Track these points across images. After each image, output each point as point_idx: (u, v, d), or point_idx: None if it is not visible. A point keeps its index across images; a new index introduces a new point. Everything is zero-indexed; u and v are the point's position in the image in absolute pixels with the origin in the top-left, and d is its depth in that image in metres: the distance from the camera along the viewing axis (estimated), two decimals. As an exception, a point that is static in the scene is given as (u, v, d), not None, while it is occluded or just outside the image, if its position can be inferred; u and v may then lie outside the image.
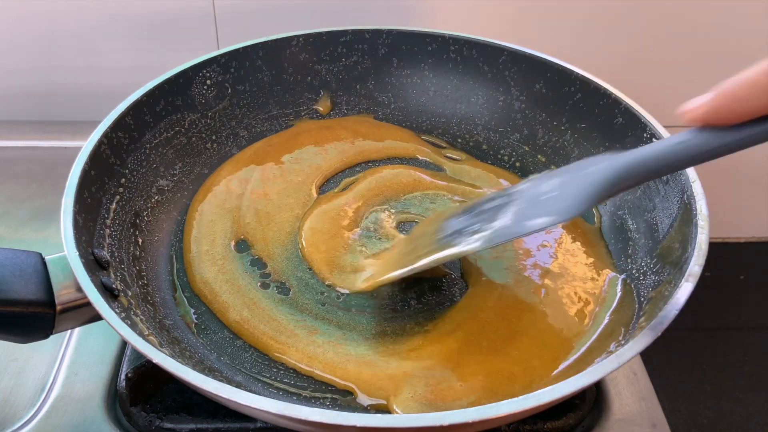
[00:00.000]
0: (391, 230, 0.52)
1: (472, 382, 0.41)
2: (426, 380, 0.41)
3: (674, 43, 0.72)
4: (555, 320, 0.45)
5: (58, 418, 0.43)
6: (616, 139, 0.52)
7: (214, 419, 0.42)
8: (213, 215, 0.52)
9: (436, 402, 0.40)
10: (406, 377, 0.41)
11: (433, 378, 0.41)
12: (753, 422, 0.70)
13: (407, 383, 0.41)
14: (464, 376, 0.41)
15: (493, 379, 0.41)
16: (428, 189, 0.55)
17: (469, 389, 0.40)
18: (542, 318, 0.45)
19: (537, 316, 0.45)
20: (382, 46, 0.62)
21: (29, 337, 0.39)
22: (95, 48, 0.72)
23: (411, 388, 0.40)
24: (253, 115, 0.61)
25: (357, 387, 0.41)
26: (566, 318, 0.45)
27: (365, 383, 0.41)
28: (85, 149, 0.46)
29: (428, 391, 0.40)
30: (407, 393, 0.40)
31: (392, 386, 0.41)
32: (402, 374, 0.41)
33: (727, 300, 0.82)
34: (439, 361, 0.42)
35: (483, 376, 0.41)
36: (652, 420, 0.45)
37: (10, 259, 0.38)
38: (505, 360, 0.42)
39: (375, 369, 0.42)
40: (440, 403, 0.40)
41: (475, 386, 0.40)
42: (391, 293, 0.47)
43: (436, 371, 0.41)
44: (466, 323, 0.45)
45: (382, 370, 0.42)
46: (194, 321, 0.46)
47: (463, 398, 0.40)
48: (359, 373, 0.42)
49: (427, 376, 0.41)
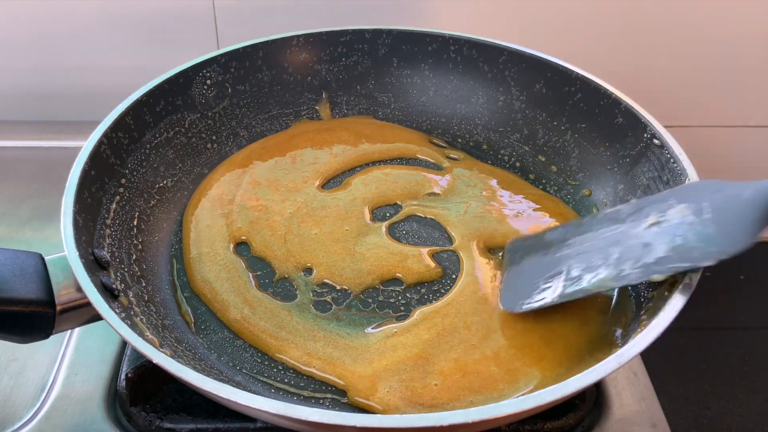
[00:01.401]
0: (387, 234, 0.52)
1: (449, 381, 0.41)
2: (399, 375, 0.41)
3: (675, 43, 0.72)
4: (539, 321, 0.44)
5: (58, 418, 0.43)
6: (616, 139, 0.52)
7: (214, 419, 0.42)
8: (208, 220, 0.52)
9: (413, 397, 0.40)
10: (384, 371, 0.41)
11: (405, 372, 0.41)
12: (753, 422, 0.70)
13: (382, 379, 0.41)
14: (439, 373, 0.41)
15: (471, 379, 0.41)
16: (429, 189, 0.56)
17: (447, 389, 0.40)
18: (522, 318, 0.45)
19: (519, 316, 0.45)
20: (382, 46, 0.62)
21: (29, 337, 0.39)
22: (95, 48, 0.72)
23: (386, 383, 0.41)
24: (253, 115, 0.61)
25: (348, 384, 0.41)
26: (552, 320, 0.44)
27: (353, 380, 0.41)
28: (85, 149, 0.46)
29: (403, 386, 0.40)
30: (383, 389, 0.40)
31: (371, 383, 0.41)
32: (381, 368, 0.42)
33: (727, 300, 0.82)
34: (410, 352, 0.42)
35: (460, 376, 0.41)
36: (652, 420, 0.45)
37: (10, 259, 0.38)
38: (482, 361, 0.42)
39: (362, 365, 0.42)
40: (417, 398, 0.40)
41: (452, 386, 0.41)
42: (381, 291, 0.47)
43: (408, 363, 0.42)
44: (439, 317, 0.45)
45: (365, 365, 0.42)
46: (194, 321, 0.46)
47: (443, 396, 0.40)
48: (353, 372, 0.42)
49: (400, 370, 0.41)
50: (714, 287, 0.80)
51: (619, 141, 0.52)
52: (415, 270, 0.49)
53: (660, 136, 0.48)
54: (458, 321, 0.45)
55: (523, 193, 0.55)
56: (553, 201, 0.55)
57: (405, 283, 0.48)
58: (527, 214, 0.53)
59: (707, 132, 0.79)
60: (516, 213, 0.53)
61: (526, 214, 0.53)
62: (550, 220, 0.52)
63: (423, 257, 0.49)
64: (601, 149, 0.54)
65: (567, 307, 0.44)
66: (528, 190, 0.56)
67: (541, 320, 0.44)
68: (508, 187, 0.56)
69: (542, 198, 0.55)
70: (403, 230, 0.52)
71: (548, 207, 0.54)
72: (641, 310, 0.42)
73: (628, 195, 0.51)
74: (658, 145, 0.48)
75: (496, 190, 0.55)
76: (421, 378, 0.41)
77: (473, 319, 0.45)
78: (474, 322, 0.44)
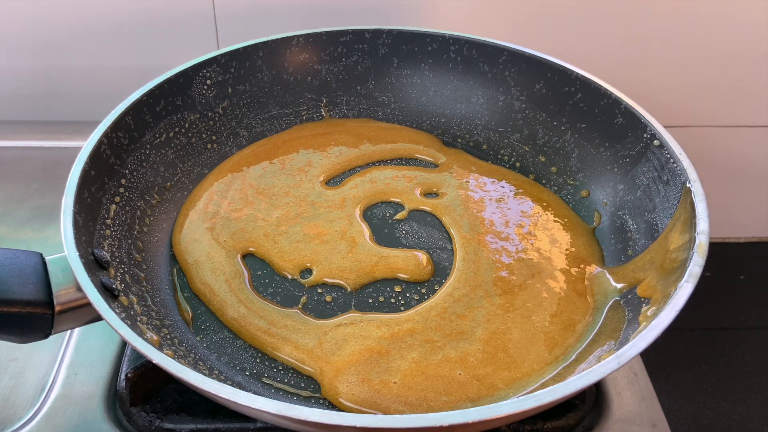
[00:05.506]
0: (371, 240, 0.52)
1: (409, 380, 0.41)
2: (356, 368, 0.41)
3: (674, 43, 0.72)
4: (521, 325, 0.45)
5: (58, 418, 0.43)
6: (616, 139, 0.52)
7: (214, 419, 0.42)
8: (195, 234, 0.52)
9: (371, 392, 0.40)
10: (345, 366, 0.42)
11: (363, 366, 0.41)
12: (753, 422, 0.70)
13: (342, 373, 0.41)
14: (397, 371, 0.41)
15: (434, 382, 0.41)
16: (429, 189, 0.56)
17: (407, 387, 0.41)
18: (503, 321, 0.45)
19: (500, 318, 0.45)
20: (382, 46, 0.62)
21: (28, 337, 0.39)
22: (95, 48, 0.72)
23: (345, 378, 0.41)
24: (253, 115, 0.61)
25: (322, 380, 0.42)
26: (531, 323, 0.45)
27: (330, 373, 0.42)
28: (85, 149, 0.46)
29: (360, 379, 0.41)
30: (343, 386, 0.41)
31: (334, 375, 0.42)
32: (342, 362, 0.42)
33: (727, 300, 0.82)
34: (365, 346, 0.43)
35: (422, 379, 0.41)
36: (652, 420, 0.45)
37: (9, 259, 0.38)
38: (445, 363, 0.42)
39: (336, 360, 0.43)
40: (376, 395, 0.40)
41: (414, 386, 0.41)
42: (381, 291, 0.47)
43: (365, 356, 0.42)
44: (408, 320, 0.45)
45: (335, 360, 0.42)
46: (194, 321, 0.46)
47: (402, 397, 0.40)
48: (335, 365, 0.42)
49: (357, 364, 0.42)
50: (714, 287, 0.81)
51: (619, 141, 0.52)
52: (413, 270, 0.49)
53: (660, 136, 0.48)
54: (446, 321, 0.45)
55: (523, 188, 0.55)
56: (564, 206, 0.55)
57: (405, 282, 0.48)
58: (530, 212, 0.53)
59: (707, 132, 0.79)
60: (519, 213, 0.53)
61: (529, 212, 0.53)
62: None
63: (422, 257, 0.49)
64: (601, 149, 0.54)
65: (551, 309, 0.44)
66: (527, 188, 0.56)
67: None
68: (508, 185, 0.56)
69: (542, 192, 0.55)
70: (403, 230, 0.52)
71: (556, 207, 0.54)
72: (638, 314, 0.42)
73: (628, 195, 0.51)
74: (658, 145, 0.48)
75: (496, 190, 0.55)
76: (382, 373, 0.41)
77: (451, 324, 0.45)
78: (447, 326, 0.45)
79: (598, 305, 0.46)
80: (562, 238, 0.51)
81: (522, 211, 0.53)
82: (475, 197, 0.54)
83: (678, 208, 0.44)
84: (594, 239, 0.51)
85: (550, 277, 0.48)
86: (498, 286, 0.47)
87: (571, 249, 0.50)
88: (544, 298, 0.46)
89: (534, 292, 0.46)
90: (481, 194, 0.55)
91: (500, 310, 0.45)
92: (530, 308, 0.45)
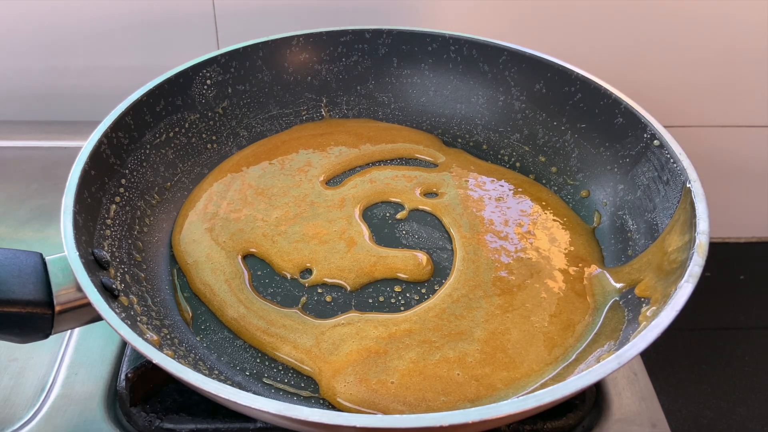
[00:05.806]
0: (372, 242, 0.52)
1: (406, 380, 0.41)
2: (353, 368, 0.41)
3: (674, 43, 0.72)
4: (520, 326, 0.44)
5: (58, 418, 0.43)
6: (616, 139, 0.52)
7: (214, 419, 0.42)
8: (195, 235, 0.52)
9: (369, 392, 0.40)
10: (343, 366, 0.42)
11: (360, 366, 0.41)
12: (753, 422, 0.70)
13: (340, 373, 0.41)
14: (395, 371, 0.41)
15: (433, 382, 0.41)
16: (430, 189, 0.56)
17: (405, 387, 0.40)
18: (502, 322, 0.45)
19: (498, 319, 0.45)
20: (382, 46, 0.62)
21: (28, 337, 0.39)
22: (95, 48, 0.72)
23: (343, 378, 0.41)
24: (253, 115, 0.61)
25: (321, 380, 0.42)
26: (531, 325, 0.45)
27: (327, 373, 0.42)
28: (85, 149, 0.46)
29: (357, 379, 0.41)
30: (341, 385, 0.41)
31: (332, 375, 0.42)
32: (340, 362, 0.42)
33: (727, 300, 0.82)
34: (363, 347, 0.43)
35: (420, 379, 0.41)
36: (652, 420, 0.45)
37: (9, 259, 0.38)
38: (443, 363, 0.42)
39: (335, 360, 0.43)
40: (374, 395, 0.40)
41: (412, 386, 0.41)
42: (381, 291, 0.47)
43: (363, 356, 0.42)
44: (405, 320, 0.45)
45: (333, 360, 0.42)
46: (194, 321, 0.46)
47: (400, 397, 0.40)
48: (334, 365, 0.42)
49: (354, 363, 0.42)
50: (714, 287, 0.81)
51: (619, 141, 0.52)
52: (413, 270, 0.49)
53: (660, 136, 0.48)
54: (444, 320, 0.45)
55: (522, 188, 0.55)
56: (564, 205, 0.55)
57: (405, 282, 0.48)
58: (529, 212, 0.53)
59: (707, 132, 0.79)
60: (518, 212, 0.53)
61: (528, 211, 0.53)
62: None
63: (422, 257, 0.49)
64: (601, 149, 0.54)
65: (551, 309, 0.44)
66: (527, 187, 0.56)
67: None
68: (509, 184, 0.56)
69: (542, 192, 0.55)
70: (403, 230, 0.52)
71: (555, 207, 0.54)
72: (638, 314, 0.42)
73: (628, 195, 0.51)
74: (658, 145, 0.48)
75: (495, 189, 0.55)
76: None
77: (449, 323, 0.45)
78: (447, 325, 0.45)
79: (597, 305, 0.46)
80: (561, 238, 0.51)
81: (521, 210, 0.53)
82: (475, 196, 0.55)
83: (678, 208, 0.44)
84: (593, 239, 0.51)
85: (549, 277, 0.48)
86: (497, 286, 0.47)
87: (570, 248, 0.50)
88: (543, 299, 0.46)
89: (533, 292, 0.47)
90: (480, 193, 0.55)
91: (499, 311, 0.45)
92: (529, 308, 0.45)
